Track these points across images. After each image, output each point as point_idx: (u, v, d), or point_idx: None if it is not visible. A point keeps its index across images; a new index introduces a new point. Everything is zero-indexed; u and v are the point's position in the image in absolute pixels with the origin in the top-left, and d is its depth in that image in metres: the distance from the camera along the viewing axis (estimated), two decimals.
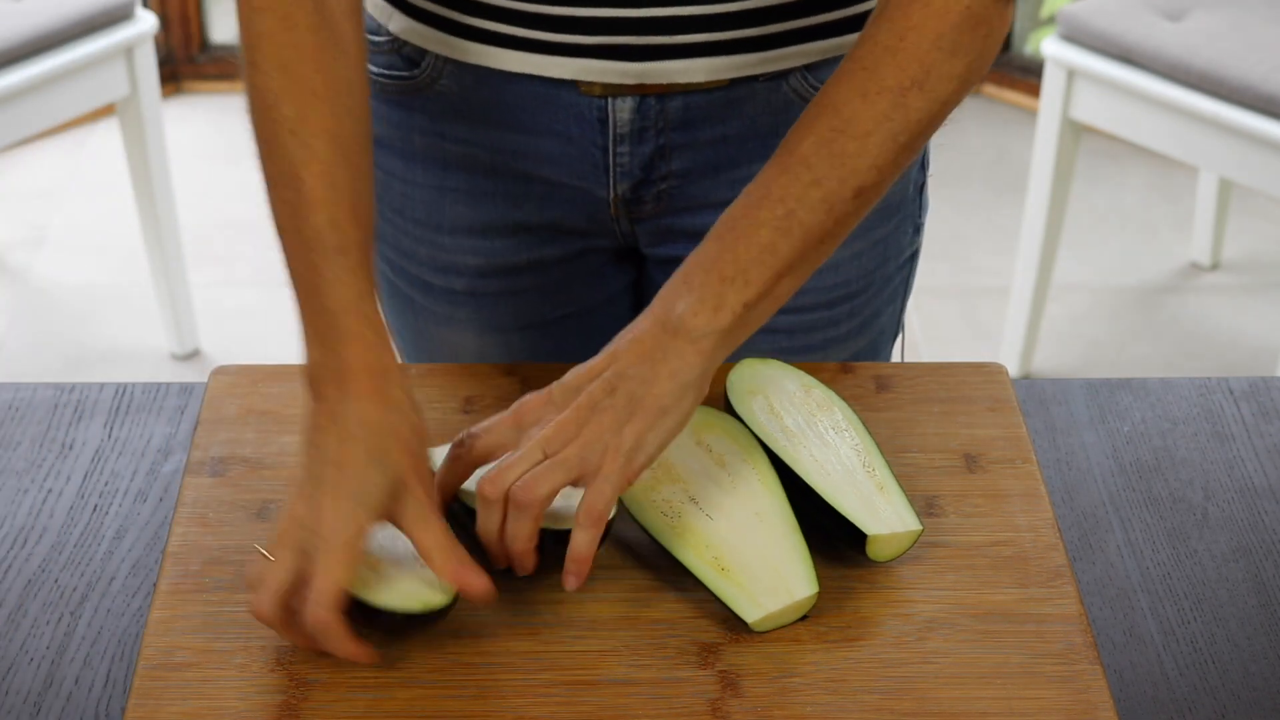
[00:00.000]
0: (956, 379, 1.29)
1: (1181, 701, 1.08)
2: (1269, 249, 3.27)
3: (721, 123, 1.28)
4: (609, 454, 1.06)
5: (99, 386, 1.32)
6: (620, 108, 1.26)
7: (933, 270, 3.17)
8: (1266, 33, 2.60)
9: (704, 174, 1.30)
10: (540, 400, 1.09)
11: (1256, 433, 1.29)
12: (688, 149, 1.29)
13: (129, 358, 2.97)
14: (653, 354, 1.08)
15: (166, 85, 3.49)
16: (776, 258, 1.09)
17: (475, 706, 1.03)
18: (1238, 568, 1.18)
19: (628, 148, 1.28)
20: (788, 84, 1.27)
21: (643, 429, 1.07)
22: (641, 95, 1.26)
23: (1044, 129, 2.75)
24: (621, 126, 1.27)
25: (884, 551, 1.11)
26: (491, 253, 1.36)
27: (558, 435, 1.06)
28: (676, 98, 1.26)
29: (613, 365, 1.08)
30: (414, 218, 1.36)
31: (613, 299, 1.43)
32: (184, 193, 3.20)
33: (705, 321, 1.08)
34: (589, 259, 1.38)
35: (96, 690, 1.07)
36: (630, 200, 1.31)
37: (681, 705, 1.03)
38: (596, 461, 1.06)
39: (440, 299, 1.40)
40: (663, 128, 1.27)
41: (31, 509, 1.21)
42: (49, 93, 2.65)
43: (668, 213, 1.33)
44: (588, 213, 1.33)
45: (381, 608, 1.04)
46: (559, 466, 1.05)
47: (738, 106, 1.27)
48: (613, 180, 1.30)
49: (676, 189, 1.31)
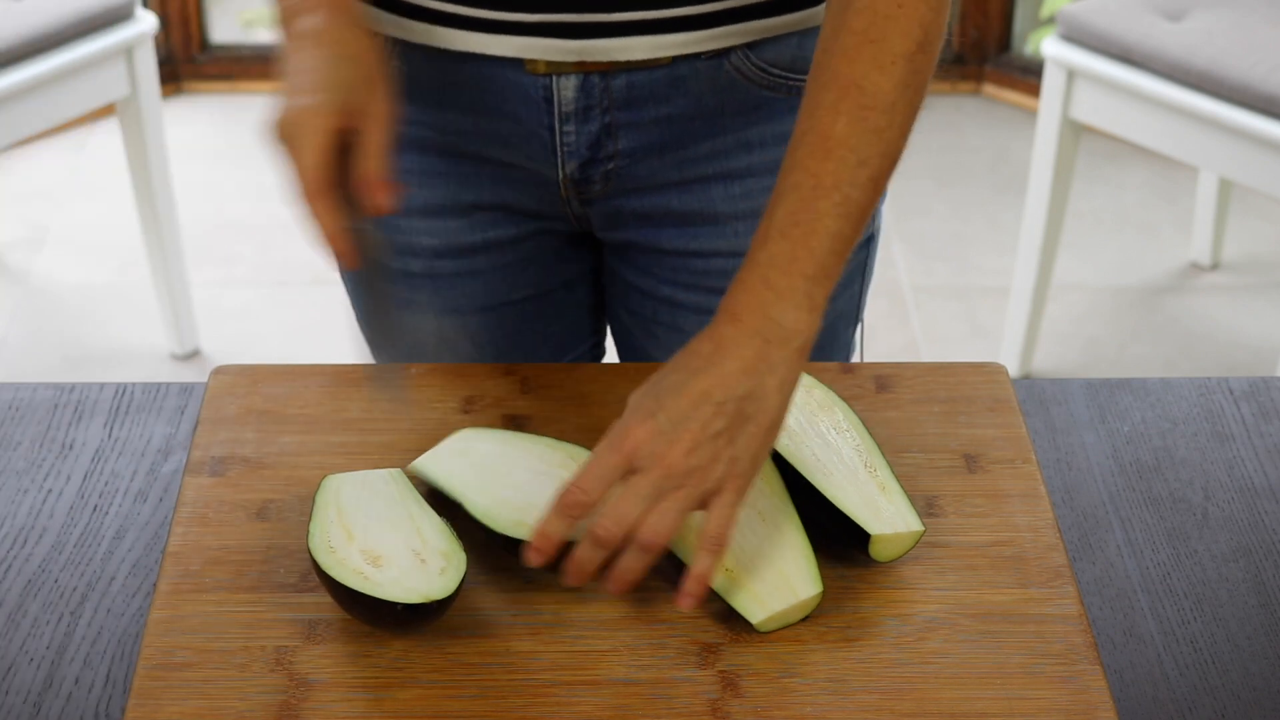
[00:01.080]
0: (956, 379, 1.29)
1: (1181, 701, 1.08)
2: (1269, 249, 3.27)
3: (666, 101, 1.29)
4: (730, 478, 1.06)
5: (99, 386, 1.32)
6: (564, 86, 1.27)
7: (933, 270, 3.17)
8: (1266, 33, 2.60)
9: (650, 153, 1.31)
10: (648, 432, 1.05)
11: (1256, 433, 1.29)
12: (633, 128, 1.30)
13: (129, 358, 2.97)
14: (758, 367, 1.07)
15: (166, 85, 3.49)
16: (844, 243, 1.10)
17: (475, 706, 1.03)
18: (1238, 568, 1.18)
19: (573, 127, 1.29)
20: (729, 62, 1.28)
21: (758, 447, 1.07)
22: (585, 73, 1.27)
23: (1044, 129, 2.75)
24: (566, 105, 1.28)
25: (887, 552, 1.11)
26: (446, 233, 1.37)
27: (680, 469, 1.05)
28: (620, 76, 1.27)
29: (720, 385, 1.06)
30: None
31: (571, 284, 1.44)
32: (184, 193, 3.20)
33: (805, 324, 1.08)
34: (544, 241, 1.39)
35: (96, 690, 1.08)
36: (579, 180, 1.33)
37: (681, 705, 1.03)
38: (716, 487, 1.06)
39: (398, 281, 1.41)
40: (607, 106, 1.28)
41: (31, 509, 1.21)
42: (49, 93, 2.65)
43: (617, 194, 1.34)
44: (539, 194, 1.35)
45: (382, 599, 1.04)
46: (683, 502, 1.05)
47: (681, 85, 1.28)
48: (560, 160, 1.31)
49: (624, 168, 1.32)
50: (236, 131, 3.58)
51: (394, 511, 1.11)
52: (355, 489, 1.13)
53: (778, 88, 1.30)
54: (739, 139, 1.32)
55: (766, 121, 1.31)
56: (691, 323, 1.40)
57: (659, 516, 1.04)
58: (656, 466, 1.04)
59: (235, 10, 3.85)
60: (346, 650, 1.06)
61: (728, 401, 1.06)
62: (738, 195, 1.34)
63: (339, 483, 1.14)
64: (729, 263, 1.36)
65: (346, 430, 1.23)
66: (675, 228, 1.36)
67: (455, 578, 1.05)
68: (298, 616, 1.08)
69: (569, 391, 1.26)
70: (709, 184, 1.33)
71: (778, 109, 1.31)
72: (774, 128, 1.32)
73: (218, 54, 3.67)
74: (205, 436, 1.23)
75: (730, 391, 1.06)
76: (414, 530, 1.09)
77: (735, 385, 1.06)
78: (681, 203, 1.34)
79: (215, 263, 3.19)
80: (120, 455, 1.26)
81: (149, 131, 2.79)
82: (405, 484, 1.14)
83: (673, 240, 1.36)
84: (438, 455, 1.17)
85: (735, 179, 1.33)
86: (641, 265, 1.40)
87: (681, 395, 1.06)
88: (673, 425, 1.05)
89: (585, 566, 1.06)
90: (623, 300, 1.44)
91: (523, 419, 1.25)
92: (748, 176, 1.33)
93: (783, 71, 1.29)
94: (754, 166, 1.33)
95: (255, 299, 3.11)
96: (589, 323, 1.49)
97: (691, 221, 1.35)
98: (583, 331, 1.49)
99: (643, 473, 1.05)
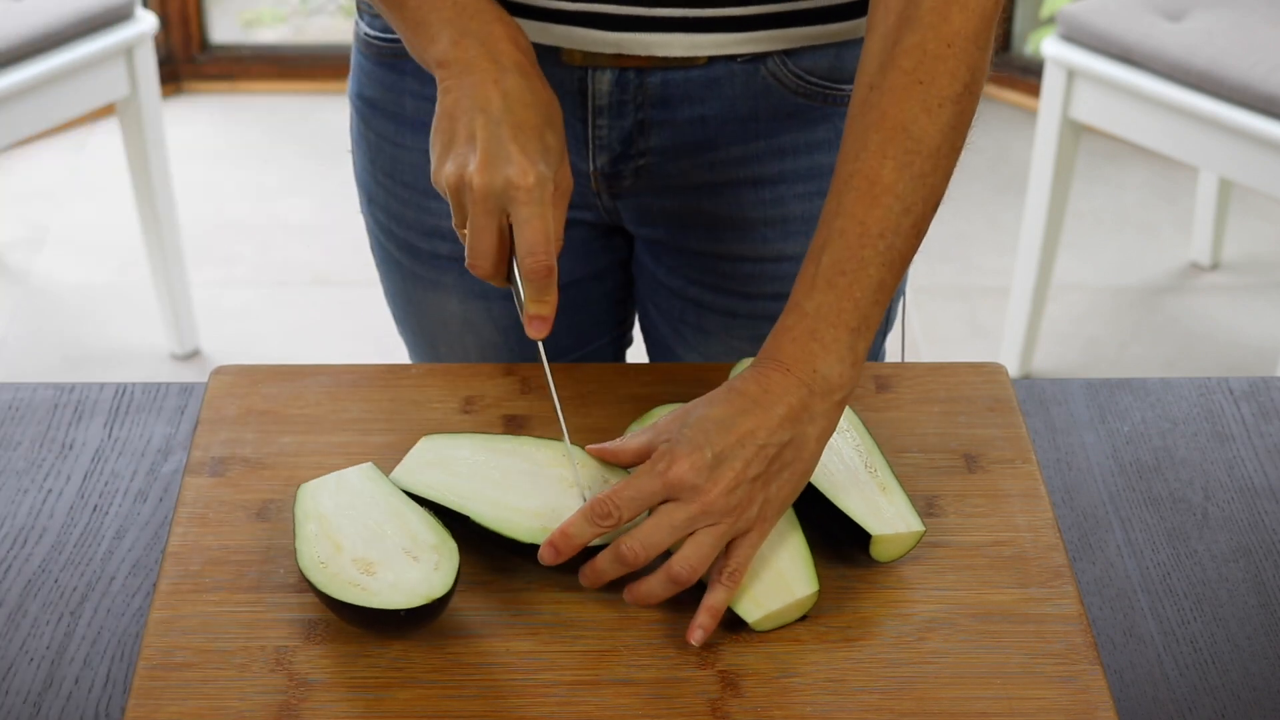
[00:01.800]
0: (956, 379, 1.29)
1: (1181, 701, 1.08)
2: (1269, 249, 3.27)
3: (700, 102, 1.29)
4: (760, 519, 1.07)
5: (99, 386, 1.32)
6: (599, 79, 1.28)
7: (933, 270, 3.17)
8: (1266, 33, 2.60)
9: (682, 153, 1.31)
10: (694, 465, 1.05)
11: (1256, 433, 1.29)
12: (666, 126, 1.30)
13: (129, 358, 2.97)
14: (801, 416, 1.08)
15: (166, 85, 3.49)
16: (886, 293, 1.11)
17: (475, 706, 1.03)
18: (1238, 568, 1.18)
19: (606, 121, 1.29)
20: (765, 68, 1.28)
21: (789, 493, 1.08)
22: (620, 68, 1.27)
23: (1044, 129, 2.75)
24: (600, 99, 1.28)
25: (888, 552, 1.11)
26: None
27: (718, 506, 1.05)
28: (655, 73, 1.27)
29: (765, 428, 1.07)
30: (403, 181, 1.38)
31: (600, 275, 1.44)
32: (184, 193, 3.20)
33: (847, 379, 1.09)
34: (574, 231, 1.39)
35: (96, 690, 1.07)
36: (610, 174, 1.33)
37: (681, 705, 1.03)
38: (747, 527, 1.07)
39: (427, 263, 1.41)
40: (641, 103, 1.29)
41: (31, 509, 1.21)
42: (49, 93, 2.65)
43: (647, 190, 1.34)
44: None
45: (382, 609, 1.03)
46: (716, 538, 1.06)
47: (716, 87, 1.28)
48: (592, 153, 1.31)
49: (655, 165, 1.32)
50: (236, 131, 3.58)
51: (376, 511, 1.10)
52: (332, 495, 1.12)
53: (813, 96, 1.30)
54: (771, 145, 1.32)
55: (800, 129, 1.31)
56: (717, 325, 1.40)
57: (694, 549, 1.05)
58: (696, 500, 1.05)
59: (235, 10, 3.85)
60: (346, 650, 1.06)
61: (769, 446, 1.07)
62: (768, 201, 1.34)
63: (315, 490, 1.12)
64: (757, 267, 1.37)
65: (346, 430, 1.23)
66: (704, 229, 1.36)
67: (450, 571, 1.05)
68: (298, 616, 1.08)
69: (569, 392, 1.26)
70: (739, 188, 1.33)
71: (812, 117, 1.31)
72: (807, 135, 1.31)
73: (218, 54, 3.67)
74: (205, 436, 1.23)
75: (773, 437, 1.07)
76: (400, 528, 1.09)
77: (779, 431, 1.07)
78: (711, 204, 1.34)
79: (215, 263, 3.19)
80: (120, 455, 1.26)
81: (149, 131, 2.79)
82: (381, 478, 1.13)
83: (701, 241, 1.37)
84: (412, 468, 1.15)
85: (766, 184, 1.33)
86: (669, 264, 1.40)
87: (729, 434, 1.07)
88: (716, 463, 1.06)
89: (603, 577, 1.07)
90: (651, 296, 1.44)
91: (523, 419, 1.25)
92: (779, 183, 1.33)
93: (819, 80, 1.29)
94: (785, 173, 1.33)
95: (255, 299, 3.11)
96: (614, 314, 1.49)
97: (720, 224, 1.35)
98: (607, 322, 1.49)
99: (680, 504, 1.06)
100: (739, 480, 1.06)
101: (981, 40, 1.11)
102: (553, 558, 1.07)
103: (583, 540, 1.06)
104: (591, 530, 1.06)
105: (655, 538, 1.05)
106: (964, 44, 1.10)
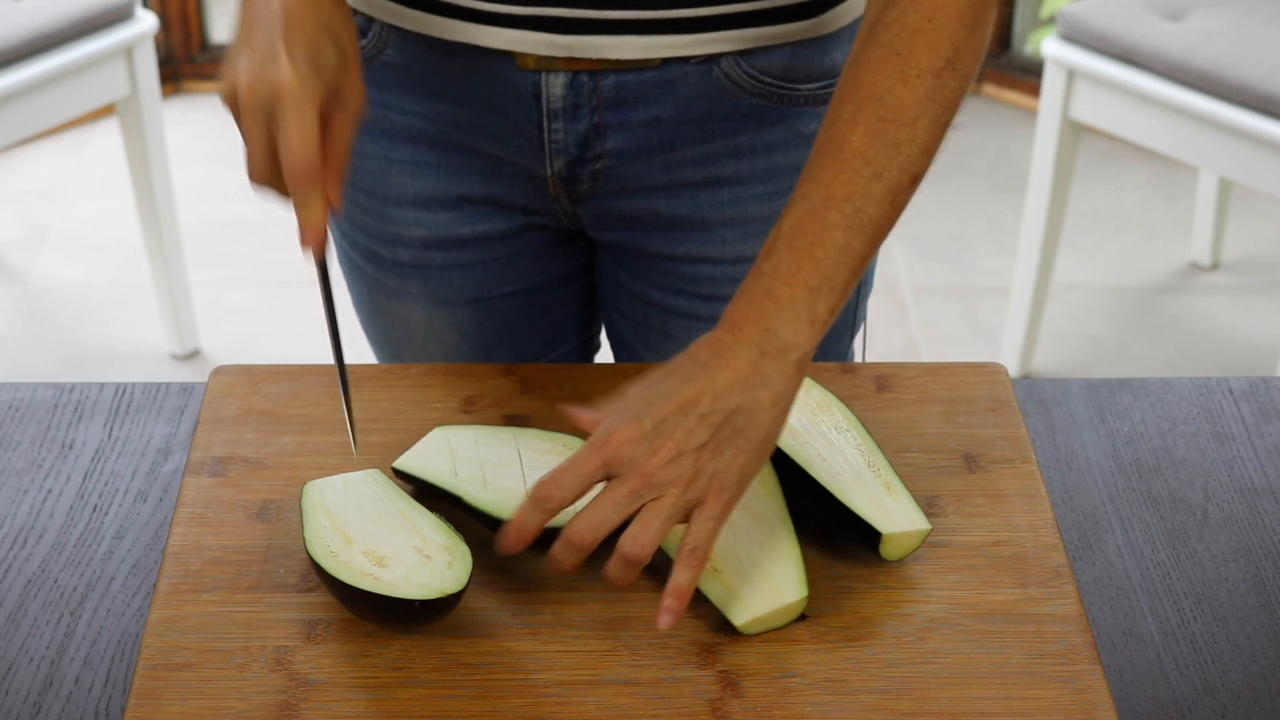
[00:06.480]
0: (956, 379, 1.29)
1: (1181, 701, 1.08)
2: (1269, 249, 3.27)
3: (654, 104, 1.29)
4: (712, 491, 1.03)
5: (99, 386, 1.32)
6: (553, 83, 1.27)
7: (933, 270, 3.17)
8: (1266, 33, 2.60)
9: (638, 156, 1.31)
10: (630, 437, 1.02)
11: (1256, 433, 1.29)
12: (621, 129, 1.30)
13: (129, 358, 2.97)
14: (751, 379, 1.04)
15: (166, 85, 3.50)
16: (853, 257, 1.07)
17: (475, 706, 1.03)
18: (1238, 568, 1.18)
19: (562, 124, 1.29)
20: (719, 68, 1.28)
21: (745, 461, 1.04)
22: (574, 72, 1.27)
23: (1044, 129, 2.75)
24: (554, 102, 1.28)
25: (896, 551, 1.11)
26: (435, 225, 1.38)
27: (658, 479, 1.02)
28: (609, 76, 1.27)
29: (709, 394, 1.03)
30: (362, 188, 1.38)
31: (563, 280, 1.44)
32: (184, 193, 3.20)
33: (804, 338, 1.05)
34: (535, 237, 1.39)
35: (96, 690, 1.08)
36: (568, 178, 1.32)
37: (681, 705, 1.03)
38: (699, 499, 1.03)
39: (389, 270, 1.42)
40: (596, 106, 1.28)
41: (31, 509, 1.21)
42: (49, 93, 2.65)
43: (605, 194, 1.34)
44: (528, 190, 1.35)
45: (396, 598, 1.03)
46: (664, 514, 1.02)
47: (670, 88, 1.28)
48: (549, 157, 1.31)
49: (612, 169, 1.32)
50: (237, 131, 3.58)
51: (386, 511, 1.11)
52: (339, 493, 1.12)
53: (769, 96, 1.29)
54: (728, 145, 1.31)
55: (756, 129, 1.31)
56: (680, 328, 1.40)
57: (641, 526, 1.02)
58: (635, 474, 1.02)
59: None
60: (346, 650, 1.06)
61: (714, 413, 1.03)
62: (726, 202, 1.33)
63: (321, 488, 1.13)
64: (717, 269, 1.36)
65: (346, 430, 1.23)
66: (663, 232, 1.35)
67: (464, 570, 1.05)
68: (298, 616, 1.08)
69: (569, 392, 1.26)
70: (697, 189, 1.33)
71: (768, 117, 1.30)
72: (764, 136, 1.31)
73: (218, 54, 3.67)
74: (205, 436, 1.23)
75: (719, 403, 1.03)
76: (410, 528, 1.09)
77: (725, 397, 1.03)
78: (669, 207, 1.34)
79: (215, 263, 3.19)
80: (120, 455, 1.26)
81: (149, 131, 2.79)
82: (388, 483, 1.14)
83: (660, 244, 1.36)
84: (421, 453, 1.17)
85: (724, 185, 1.33)
86: (631, 268, 1.40)
87: (669, 402, 1.03)
88: (655, 433, 1.02)
89: (562, 565, 1.04)
90: (614, 300, 1.44)
91: (523, 419, 1.25)
92: (736, 184, 1.33)
93: (774, 80, 1.29)
94: (742, 174, 1.32)
95: (255, 299, 3.11)
96: (579, 319, 1.49)
97: (679, 226, 1.35)
98: (573, 328, 1.49)
99: (621, 479, 1.02)
100: (680, 450, 1.02)
101: (968, 18, 1.10)
102: (508, 547, 1.04)
103: (534, 526, 1.03)
104: (539, 515, 1.03)
105: (599, 516, 1.02)
106: (945, 19, 1.09)
